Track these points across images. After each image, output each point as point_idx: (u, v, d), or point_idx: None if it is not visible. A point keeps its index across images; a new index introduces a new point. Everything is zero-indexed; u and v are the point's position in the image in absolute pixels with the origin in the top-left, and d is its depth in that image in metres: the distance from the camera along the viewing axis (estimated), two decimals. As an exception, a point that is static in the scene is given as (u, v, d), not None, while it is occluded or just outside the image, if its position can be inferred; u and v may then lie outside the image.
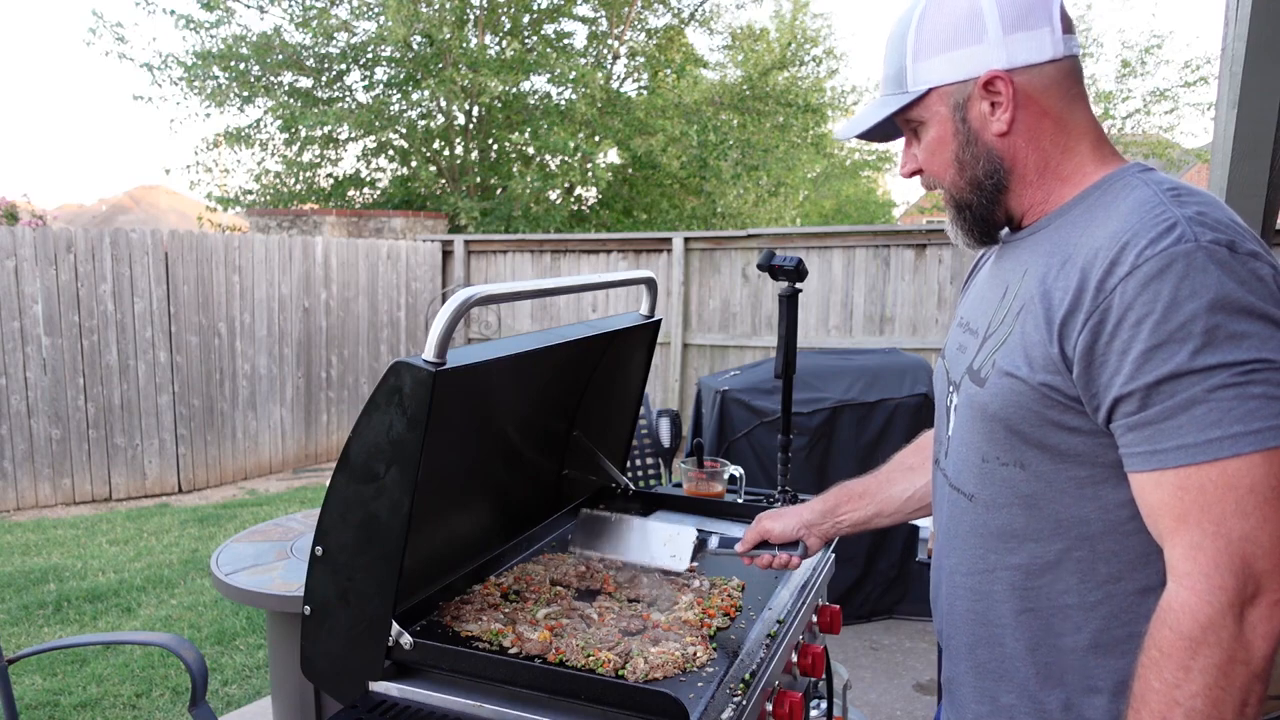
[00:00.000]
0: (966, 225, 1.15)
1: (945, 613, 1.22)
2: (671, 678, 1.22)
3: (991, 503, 1.09)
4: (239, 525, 5.87)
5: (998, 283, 1.15)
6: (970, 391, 1.12)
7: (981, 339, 1.13)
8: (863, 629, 4.00)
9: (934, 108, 1.11)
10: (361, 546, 1.22)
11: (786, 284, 2.09)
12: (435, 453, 1.26)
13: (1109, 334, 0.92)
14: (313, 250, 8.01)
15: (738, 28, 15.18)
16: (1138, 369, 0.90)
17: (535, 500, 1.85)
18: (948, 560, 1.20)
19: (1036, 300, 1.02)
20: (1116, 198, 1.02)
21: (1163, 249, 0.90)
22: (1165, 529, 0.91)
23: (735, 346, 7.68)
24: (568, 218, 12.97)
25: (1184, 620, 0.88)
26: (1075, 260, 0.99)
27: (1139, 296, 0.90)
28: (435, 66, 12.47)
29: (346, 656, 1.26)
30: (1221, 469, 0.87)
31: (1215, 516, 0.87)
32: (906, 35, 1.11)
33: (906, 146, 1.19)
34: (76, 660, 3.68)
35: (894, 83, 1.13)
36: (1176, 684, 0.87)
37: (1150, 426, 0.90)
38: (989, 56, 1.06)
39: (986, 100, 1.07)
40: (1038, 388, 1.00)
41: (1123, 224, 0.96)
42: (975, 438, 1.11)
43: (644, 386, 2.00)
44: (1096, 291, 0.94)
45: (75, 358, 6.58)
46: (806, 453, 3.95)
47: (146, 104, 29.77)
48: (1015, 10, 1.05)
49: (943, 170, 1.14)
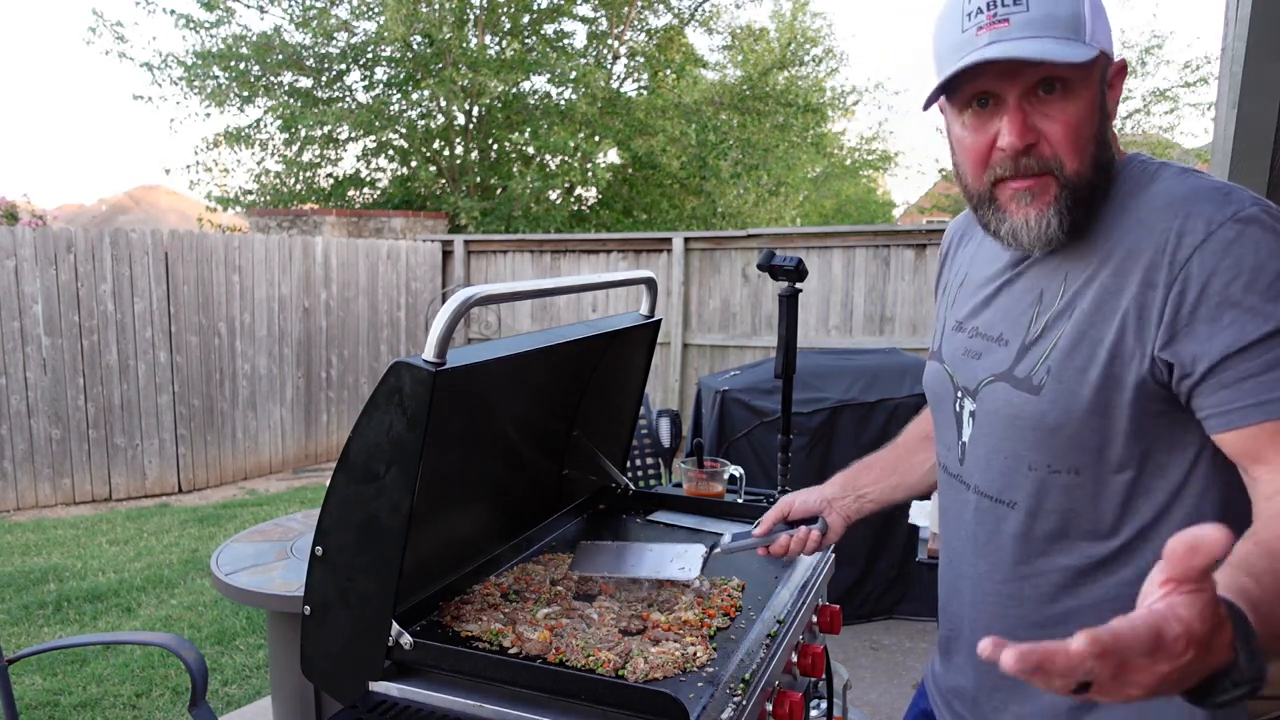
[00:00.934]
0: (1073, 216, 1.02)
1: (973, 619, 1.19)
2: (671, 678, 1.22)
3: (1040, 509, 1.08)
4: (239, 525, 5.87)
5: (1028, 288, 1.10)
6: (1013, 400, 1.08)
7: (1020, 347, 1.09)
8: (863, 629, 4.00)
9: (1092, 74, 0.99)
10: (361, 546, 1.22)
11: (786, 284, 2.09)
12: (435, 453, 1.26)
13: (1194, 302, 0.93)
14: (313, 250, 8.01)
15: (737, 28, 15.19)
16: (1240, 331, 0.91)
17: (535, 500, 1.85)
18: (973, 568, 1.18)
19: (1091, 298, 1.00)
20: (1141, 184, 1.02)
21: (1233, 214, 0.92)
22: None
23: (735, 346, 7.68)
24: (568, 218, 12.97)
25: None
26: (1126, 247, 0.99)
27: (1221, 262, 0.91)
28: (435, 66, 12.48)
29: (346, 656, 1.26)
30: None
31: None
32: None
33: (1022, 112, 0.99)
34: (76, 660, 3.68)
35: (1070, 27, 0.96)
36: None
37: (1251, 380, 0.91)
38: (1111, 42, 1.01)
39: (1114, 86, 1.03)
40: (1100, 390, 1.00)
41: (1173, 195, 0.97)
42: (1020, 446, 1.08)
43: (644, 386, 2.00)
44: (1170, 264, 0.94)
45: (75, 358, 6.58)
46: (806, 453, 3.95)
47: (146, 104, 29.82)
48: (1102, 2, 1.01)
49: (1083, 147, 1.00)
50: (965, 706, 1.25)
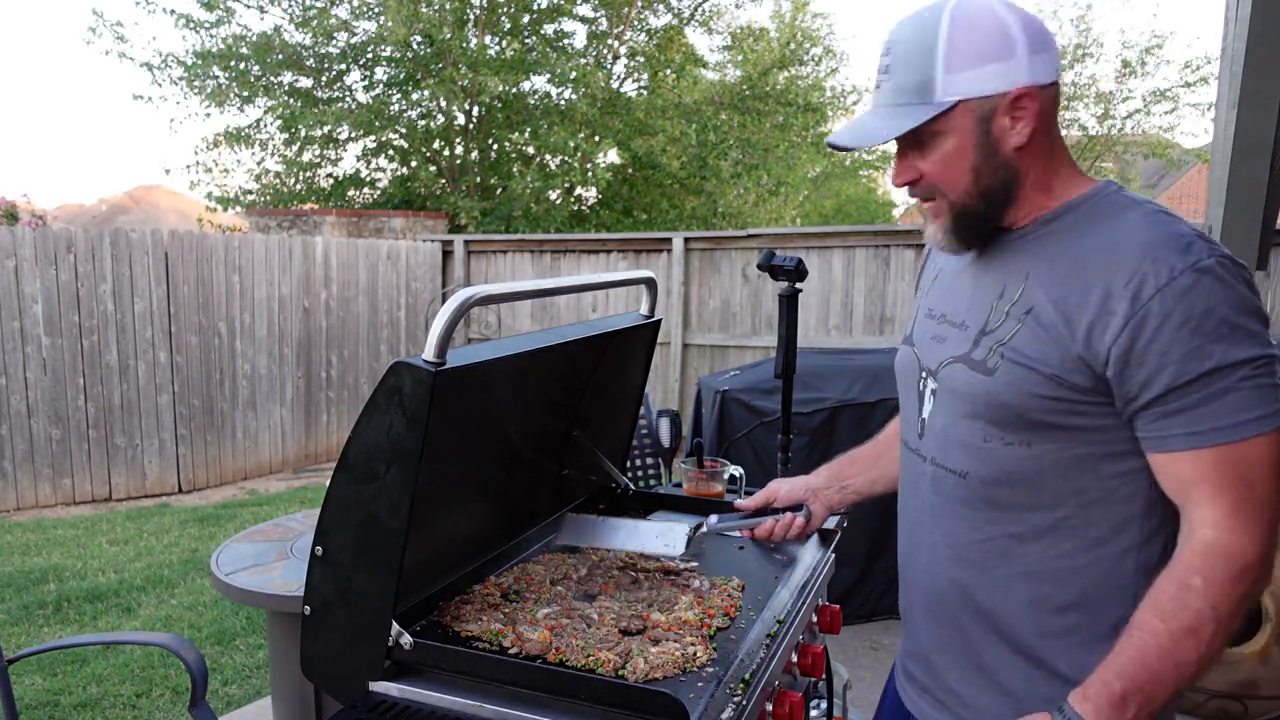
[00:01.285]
0: (963, 233, 1.21)
1: (925, 586, 1.31)
2: (671, 678, 1.22)
3: (989, 478, 1.20)
4: (239, 525, 5.87)
5: (990, 281, 1.23)
6: (969, 379, 1.20)
7: (977, 332, 1.21)
8: (863, 629, 4.00)
9: (958, 120, 1.14)
10: (361, 546, 1.22)
11: (786, 284, 2.09)
12: (435, 453, 1.26)
13: (1147, 337, 1.05)
14: (313, 250, 8.01)
15: (738, 28, 15.19)
16: (1183, 366, 1.04)
17: (535, 500, 1.85)
18: (928, 535, 1.30)
19: (1047, 301, 1.13)
20: (1112, 212, 1.15)
21: (1191, 264, 1.05)
22: (1205, 495, 1.07)
23: (735, 346, 7.68)
24: (568, 218, 12.97)
25: (1233, 562, 1.04)
26: (1091, 272, 1.11)
27: (1177, 305, 1.04)
28: (435, 66, 12.47)
29: (346, 656, 1.26)
30: (1253, 445, 1.05)
31: (1249, 482, 1.05)
32: (935, 48, 1.13)
33: (903, 157, 1.20)
34: (76, 660, 3.68)
35: (914, 93, 1.14)
36: (1215, 605, 1.04)
37: (1189, 412, 1.05)
38: (1018, 73, 1.12)
39: (1010, 115, 1.14)
40: (1050, 379, 1.12)
41: (1143, 238, 1.09)
42: (971, 421, 1.20)
43: (644, 386, 2.00)
44: (1132, 300, 1.06)
45: (75, 358, 6.58)
46: (806, 453, 3.95)
47: (146, 104, 29.83)
48: (1036, 32, 1.13)
49: (955, 180, 1.17)
50: (919, 668, 1.36)
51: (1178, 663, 1.04)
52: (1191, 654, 1.04)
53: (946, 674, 1.30)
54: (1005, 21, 1.12)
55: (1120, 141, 16.34)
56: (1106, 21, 39.60)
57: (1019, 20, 1.12)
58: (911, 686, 1.39)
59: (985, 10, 1.12)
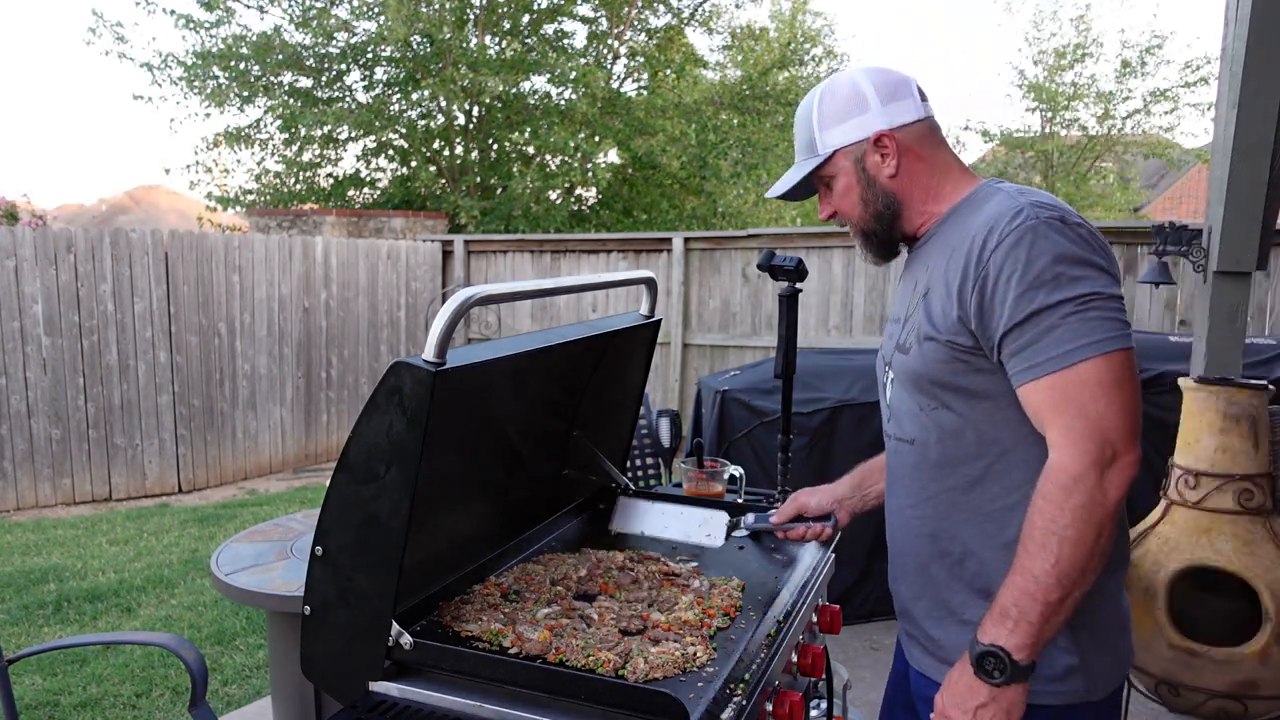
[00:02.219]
0: (874, 247, 1.52)
1: (900, 544, 1.52)
2: (671, 678, 1.22)
3: (928, 441, 1.41)
4: (239, 525, 5.87)
5: (910, 281, 1.50)
6: (900, 361, 1.44)
7: (903, 322, 1.46)
8: (863, 629, 4.00)
9: (840, 164, 1.47)
10: (361, 546, 1.22)
11: (786, 284, 2.09)
12: (435, 453, 1.26)
13: (990, 291, 1.27)
14: (313, 250, 8.01)
15: (737, 28, 15.18)
16: (1014, 310, 1.24)
17: (535, 500, 1.85)
18: (897, 501, 1.52)
19: (937, 282, 1.36)
20: (981, 202, 1.39)
21: (1016, 225, 1.26)
22: (1045, 419, 1.25)
23: (735, 346, 7.68)
24: (568, 218, 12.96)
25: (1060, 475, 1.21)
26: (959, 248, 1.33)
27: (1005, 260, 1.25)
28: (435, 66, 12.47)
29: (346, 656, 1.26)
30: (1078, 370, 1.21)
31: (1078, 403, 1.21)
32: (812, 114, 1.47)
33: (821, 196, 1.54)
34: (76, 660, 3.68)
35: (806, 149, 1.49)
36: (1053, 519, 1.20)
37: (1027, 349, 1.24)
38: (874, 121, 1.43)
39: (877, 153, 1.44)
40: (946, 345, 1.34)
41: (987, 215, 1.32)
42: (909, 394, 1.43)
43: (644, 386, 2.00)
44: (977, 263, 1.28)
45: (75, 358, 6.58)
46: (806, 453, 3.95)
47: (146, 104, 29.82)
48: (887, 88, 1.44)
49: (852, 209, 1.49)
50: (907, 621, 1.54)
51: (1034, 575, 1.20)
52: (1045, 564, 1.19)
53: (924, 621, 1.47)
54: (859, 85, 1.44)
55: (1120, 141, 16.34)
56: (1106, 21, 39.58)
57: (873, 82, 1.43)
58: (906, 641, 1.56)
59: (845, 80, 1.46)
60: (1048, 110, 16.45)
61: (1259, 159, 3.17)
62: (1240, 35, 3.11)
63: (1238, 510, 2.92)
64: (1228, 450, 2.94)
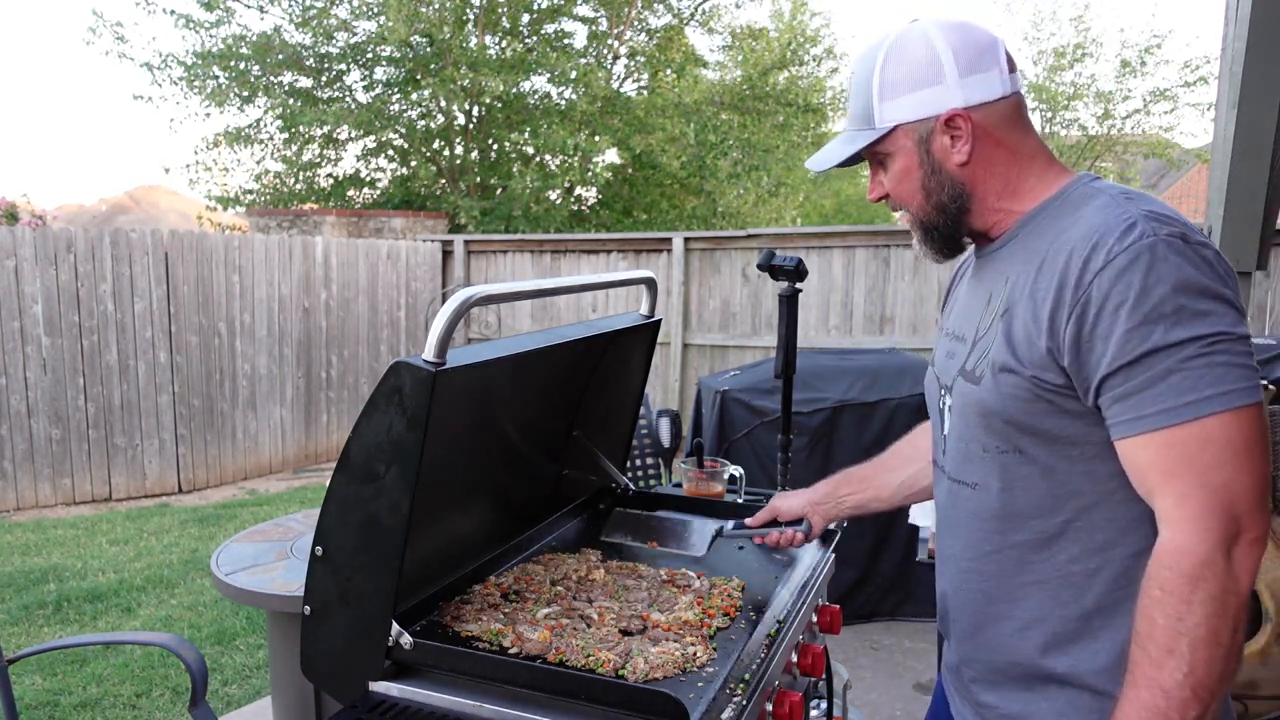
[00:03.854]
0: (934, 243, 1.29)
1: (952, 599, 1.31)
2: (671, 678, 1.22)
3: (993, 488, 1.20)
4: (239, 525, 5.87)
5: (981, 292, 1.27)
6: (965, 390, 1.22)
7: (971, 343, 1.24)
8: (863, 629, 4.00)
9: (900, 142, 1.23)
10: (361, 546, 1.22)
11: (786, 284, 2.09)
12: (435, 453, 1.26)
13: (1091, 321, 1.05)
14: (313, 250, 8.01)
15: (737, 27, 15.18)
16: (1121, 348, 1.02)
17: (535, 500, 1.85)
18: (951, 549, 1.31)
19: (1021, 302, 1.14)
20: (1077, 204, 1.16)
21: (1129, 244, 1.03)
22: (1154, 484, 1.04)
23: (735, 346, 7.68)
24: (568, 218, 12.96)
25: (1183, 561, 1.00)
26: (1052, 262, 1.11)
27: (1114, 286, 1.03)
28: (435, 66, 12.46)
29: (346, 656, 1.26)
30: (1200, 426, 1.00)
31: (1198, 468, 1.00)
32: (871, 78, 1.22)
33: (873, 175, 1.30)
34: (76, 660, 3.68)
35: (861, 120, 1.25)
36: (1180, 617, 0.99)
37: (1135, 396, 1.03)
38: (949, 97, 1.18)
39: (947, 135, 1.20)
40: (1029, 380, 1.12)
41: (1090, 225, 1.09)
42: (974, 431, 1.21)
43: (644, 386, 2.00)
44: (1076, 286, 1.06)
45: (75, 358, 6.58)
46: (806, 453, 3.95)
47: (146, 104, 29.78)
48: (969, 55, 1.18)
49: (910, 196, 1.26)
50: (954, 678, 1.36)
51: (1165, 689, 0.99)
52: (1177, 674, 0.99)
53: (976, 687, 1.30)
54: (936, 49, 1.18)
55: (1120, 141, 16.34)
56: (1106, 21, 39.59)
57: (952, 45, 1.18)
58: (953, 692, 1.39)
59: (918, 39, 1.19)
60: (1047, 110, 16.45)
61: (1259, 159, 3.17)
62: (1240, 35, 3.11)
63: (1238, 510, 2.92)
64: (1228, 450, 2.93)
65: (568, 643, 1.30)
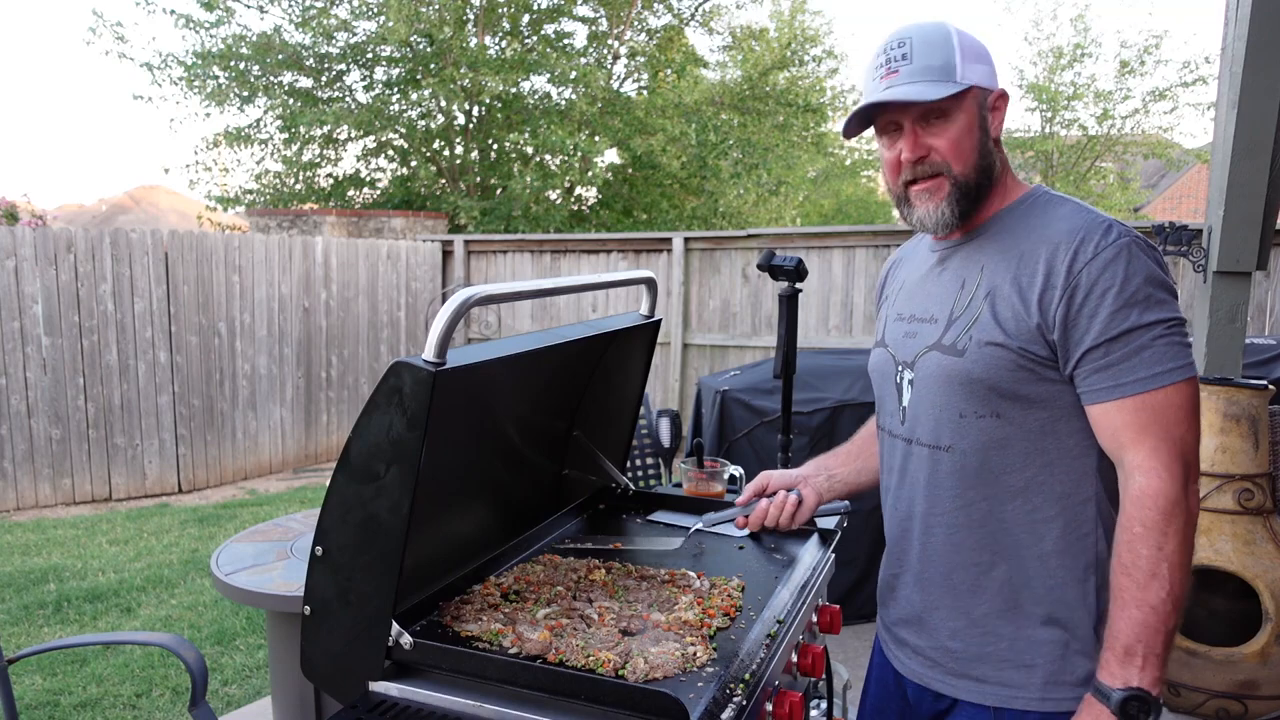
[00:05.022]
0: (962, 206, 1.37)
1: (918, 554, 1.46)
2: (671, 678, 1.22)
3: (970, 449, 1.36)
4: (239, 525, 5.87)
5: (951, 279, 1.42)
6: (943, 363, 1.37)
7: (946, 322, 1.39)
8: (863, 629, 4.00)
9: (969, 102, 1.35)
10: (361, 546, 1.22)
11: (786, 284, 2.10)
12: (435, 453, 1.26)
13: (1080, 303, 1.25)
14: (313, 250, 8.01)
15: (737, 28, 15.18)
16: (1106, 326, 1.24)
17: (535, 500, 1.85)
18: (919, 507, 1.45)
19: (1004, 285, 1.33)
20: (1046, 208, 1.37)
21: (1112, 241, 1.26)
22: (1127, 440, 1.25)
23: (735, 346, 7.68)
24: (568, 218, 12.97)
25: (1160, 500, 1.21)
26: (1033, 253, 1.31)
27: (1101, 275, 1.25)
28: (435, 66, 12.47)
29: (346, 656, 1.26)
30: (1165, 393, 1.23)
31: (1165, 425, 1.23)
32: (950, 39, 1.34)
33: (914, 134, 1.36)
34: (76, 660, 3.68)
35: (941, 73, 1.33)
36: (1159, 545, 1.20)
37: (1114, 367, 1.24)
38: (997, 79, 1.38)
39: (995, 109, 1.37)
40: (1016, 352, 1.30)
41: (1072, 224, 1.30)
42: (953, 399, 1.37)
43: (644, 386, 2.00)
44: (1066, 273, 1.27)
45: (75, 358, 6.58)
46: (807, 453, 3.94)
47: (146, 104, 29.83)
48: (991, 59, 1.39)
49: (965, 154, 1.35)
50: (912, 631, 1.49)
51: (1152, 605, 1.20)
52: (1161, 593, 1.20)
53: (939, 632, 1.43)
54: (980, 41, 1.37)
55: (1120, 141, 16.35)
56: (1105, 21, 39.57)
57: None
58: (901, 651, 1.52)
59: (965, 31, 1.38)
60: (1047, 110, 16.47)
61: (1259, 159, 3.17)
62: (1240, 35, 3.11)
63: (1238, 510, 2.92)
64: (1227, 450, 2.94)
65: (568, 643, 1.30)
